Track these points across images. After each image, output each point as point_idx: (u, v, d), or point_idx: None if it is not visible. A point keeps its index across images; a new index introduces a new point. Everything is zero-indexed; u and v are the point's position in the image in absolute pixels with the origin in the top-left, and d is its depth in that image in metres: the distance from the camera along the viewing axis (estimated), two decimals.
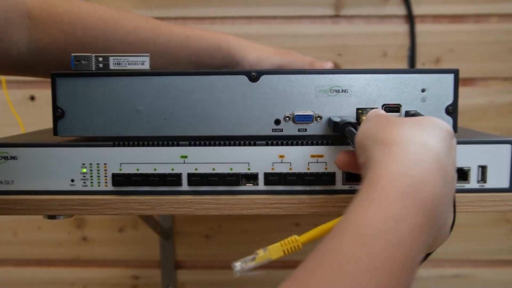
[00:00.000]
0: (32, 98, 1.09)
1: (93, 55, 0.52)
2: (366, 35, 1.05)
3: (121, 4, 1.05)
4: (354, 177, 0.53)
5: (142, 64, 0.52)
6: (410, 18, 1.03)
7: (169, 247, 1.12)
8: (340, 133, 0.48)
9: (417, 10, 1.03)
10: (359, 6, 1.04)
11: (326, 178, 0.52)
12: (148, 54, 0.53)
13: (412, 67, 1.04)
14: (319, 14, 1.04)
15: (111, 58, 0.52)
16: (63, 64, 0.59)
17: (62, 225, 1.12)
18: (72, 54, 0.52)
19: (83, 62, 0.52)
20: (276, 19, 1.05)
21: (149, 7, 1.05)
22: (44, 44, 0.60)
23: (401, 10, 1.04)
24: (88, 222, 1.13)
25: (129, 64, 0.52)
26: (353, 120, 0.49)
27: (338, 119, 0.50)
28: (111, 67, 0.52)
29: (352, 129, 0.47)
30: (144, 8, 1.05)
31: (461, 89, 1.05)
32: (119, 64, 0.52)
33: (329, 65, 0.75)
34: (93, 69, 0.52)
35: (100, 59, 0.52)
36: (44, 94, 1.08)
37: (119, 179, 0.53)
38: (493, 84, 1.06)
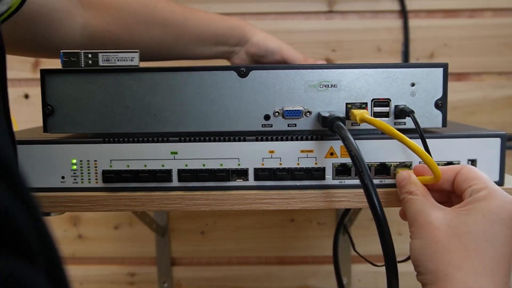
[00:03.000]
0: (26, 96, 1.08)
1: (82, 51, 0.52)
2: (360, 31, 1.05)
3: None
4: (344, 172, 0.53)
5: (131, 60, 0.52)
6: (403, 13, 1.03)
7: (165, 244, 1.12)
8: (329, 128, 0.48)
9: (410, 5, 1.03)
10: (353, 2, 1.04)
11: (316, 173, 0.52)
12: (138, 51, 0.53)
13: (406, 62, 1.04)
14: (313, 10, 1.04)
15: (100, 55, 0.52)
16: (114, 47, 0.64)
17: (58, 222, 1.12)
18: (61, 51, 0.52)
19: (72, 59, 0.52)
20: (270, 15, 1.05)
21: None
22: (95, 29, 0.65)
23: (395, 5, 1.04)
24: (84, 219, 1.13)
25: (118, 60, 0.52)
26: (342, 115, 0.49)
27: (327, 114, 0.50)
28: (100, 63, 0.52)
29: (341, 123, 0.47)
30: None
31: (455, 84, 1.05)
32: (108, 60, 0.52)
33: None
34: (82, 66, 0.52)
35: (89, 55, 0.52)
36: (38, 92, 1.08)
37: (110, 176, 0.53)
38: (487, 79, 1.06)
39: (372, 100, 0.52)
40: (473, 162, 0.52)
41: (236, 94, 0.52)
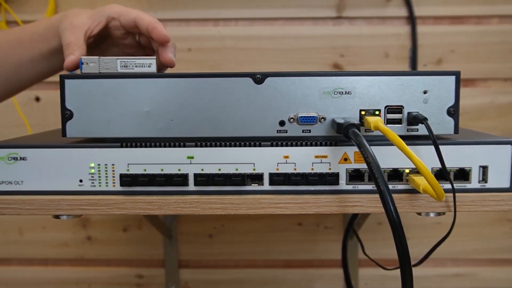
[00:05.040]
0: (37, 99, 1.10)
1: (99, 57, 0.53)
2: (367, 36, 1.06)
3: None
4: (357, 177, 0.54)
5: (148, 66, 0.53)
6: (411, 19, 1.04)
7: (173, 246, 1.13)
8: (344, 135, 0.49)
9: (418, 11, 1.04)
10: (361, 8, 1.05)
11: (330, 178, 0.53)
12: (155, 57, 0.54)
13: (413, 68, 1.05)
14: (321, 16, 1.05)
15: (118, 61, 0.53)
16: None
17: (67, 224, 1.13)
18: (80, 57, 0.53)
19: (90, 65, 0.53)
20: (279, 20, 1.06)
21: (152, 9, 1.06)
22: None
23: (403, 12, 1.05)
24: (93, 221, 1.14)
25: (135, 66, 0.53)
26: (356, 121, 0.50)
27: (341, 121, 0.51)
28: (118, 69, 0.53)
29: (356, 130, 0.48)
30: (148, 11, 1.06)
31: (462, 90, 1.06)
32: (126, 66, 0.53)
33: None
34: (100, 71, 0.53)
35: (107, 61, 0.53)
36: (49, 95, 1.09)
37: (127, 180, 0.54)
38: (493, 85, 1.07)
39: (385, 107, 0.53)
40: (484, 168, 0.53)
41: (252, 100, 0.53)
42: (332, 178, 0.53)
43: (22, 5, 1.08)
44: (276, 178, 0.54)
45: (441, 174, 0.52)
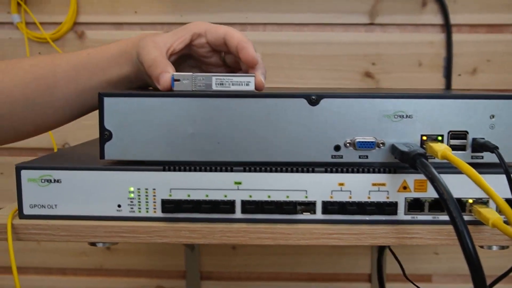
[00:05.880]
0: None
1: (194, 74, 0.50)
2: (400, 44, 1.02)
3: (150, 10, 1.02)
4: (417, 206, 0.50)
5: (246, 85, 0.49)
6: (447, 27, 1.00)
7: (194, 257, 1.10)
8: (410, 165, 0.45)
9: (453, 19, 1.00)
10: (395, 14, 1.01)
11: (388, 208, 0.50)
12: (254, 74, 0.50)
13: (448, 78, 1.01)
14: (353, 22, 1.01)
15: (213, 78, 0.49)
16: None
17: None
18: (173, 74, 0.50)
19: (183, 82, 0.49)
20: (309, 26, 1.02)
21: (178, 13, 1.02)
22: None
23: (438, 19, 1.01)
24: None
25: (232, 84, 0.49)
26: (423, 150, 0.46)
27: (405, 148, 0.47)
28: (214, 87, 0.50)
29: (425, 161, 0.44)
30: (173, 14, 1.02)
31: None
32: (222, 84, 0.49)
33: None
34: (193, 89, 0.50)
35: (202, 78, 0.49)
36: None
37: (169, 206, 0.50)
38: None
39: (448, 132, 0.50)
40: None
41: (305, 123, 0.49)
42: (390, 208, 0.50)
43: (42, 7, 1.05)
44: (330, 207, 0.50)
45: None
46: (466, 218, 0.50)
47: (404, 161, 0.46)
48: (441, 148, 0.46)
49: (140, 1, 1.03)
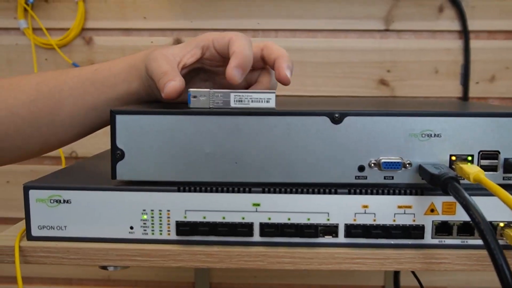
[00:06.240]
0: None
1: (211, 90, 0.47)
2: (416, 51, 0.99)
3: (159, 16, 1.00)
4: (444, 230, 0.47)
5: (267, 101, 0.47)
6: (464, 34, 0.97)
7: (204, 268, 1.07)
8: (442, 189, 0.43)
9: (471, 25, 0.97)
10: (411, 20, 0.98)
11: (414, 232, 0.47)
12: (274, 91, 0.47)
13: (465, 85, 0.98)
14: (368, 28, 0.99)
15: (232, 95, 0.47)
16: None
17: None
18: (189, 90, 0.48)
19: (200, 99, 0.47)
20: (322, 32, 1.00)
21: (188, 19, 1.00)
22: None
23: (455, 25, 0.98)
24: None
25: (252, 101, 0.47)
26: (454, 173, 0.44)
27: (434, 170, 0.44)
28: (232, 104, 0.47)
29: (457, 185, 0.41)
30: (183, 19, 1.00)
31: None
32: (241, 101, 0.47)
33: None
34: (210, 106, 0.47)
35: (219, 95, 0.47)
36: None
37: (184, 228, 0.48)
38: None
39: (479, 152, 0.47)
40: None
41: (328, 142, 0.47)
42: (417, 232, 0.47)
43: (49, 12, 1.02)
44: (353, 230, 0.47)
45: None
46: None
47: (434, 184, 0.44)
48: (474, 171, 0.44)
49: (150, 6, 1.01)
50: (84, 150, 1.04)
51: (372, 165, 0.47)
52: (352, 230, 0.47)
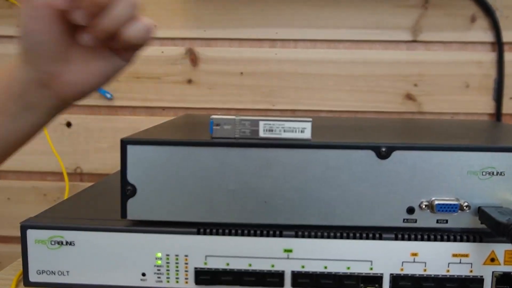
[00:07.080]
0: (69, 124, 0.98)
1: (237, 117, 0.41)
2: (445, 64, 0.92)
3: (171, 24, 0.94)
4: (507, 282, 0.41)
5: (301, 132, 0.40)
6: (498, 46, 0.90)
7: None
8: (509, 239, 0.36)
9: (506, 36, 0.91)
10: (440, 31, 0.91)
11: (472, 285, 0.41)
12: (311, 119, 0.41)
13: (498, 101, 0.91)
14: (394, 39, 0.92)
15: (261, 123, 0.40)
16: None
17: None
18: (212, 117, 0.41)
19: (224, 127, 0.40)
20: (344, 43, 0.93)
21: (201, 27, 0.94)
22: None
23: (488, 36, 0.91)
24: None
25: (284, 131, 0.40)
26: None
27: (500, 217, 0.38)
28: (261, 134, 0.41)
29: None
30: (197, 28, 0.94)
31: None
32: (272, 131, 0.40)
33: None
34: (236, 136, 0.41)
35: (247, 123, 0.40)
36: (81, 120, 0.97)
37: (204, 277, 0.42)
38: None
39: None
40: None
41: (373, 180, 0.41)
42: (475, 285, 0.41)
43: None
44: (401, 282, 0.41)
45: None
46: None
47: (499, 232, 0.37)
48: None
49: (161, 14, 0.94)
50: (89, 165, 0.98)
51: (424, 206, 0.41)
52: (399, 281, 0.41)
